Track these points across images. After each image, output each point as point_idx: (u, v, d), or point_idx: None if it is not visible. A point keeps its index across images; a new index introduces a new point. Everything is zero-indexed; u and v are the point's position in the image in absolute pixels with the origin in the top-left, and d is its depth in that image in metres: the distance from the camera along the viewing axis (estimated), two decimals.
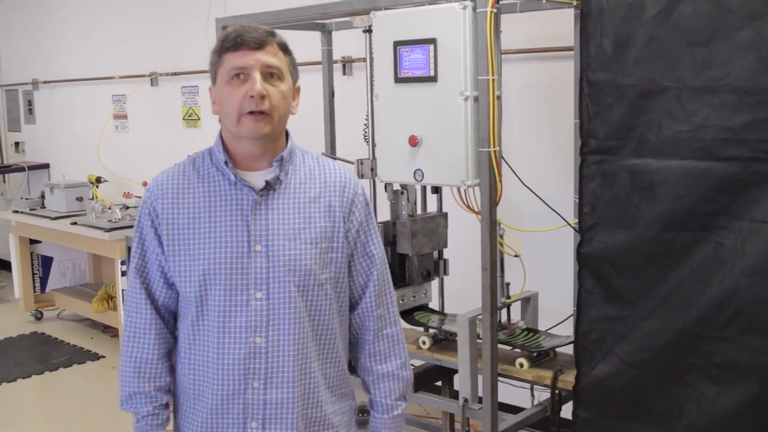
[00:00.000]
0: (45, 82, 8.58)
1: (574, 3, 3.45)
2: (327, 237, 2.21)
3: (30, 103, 8.89)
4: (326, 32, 4.62)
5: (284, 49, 2.17)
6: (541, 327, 3.88)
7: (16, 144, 9.21)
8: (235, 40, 2.10)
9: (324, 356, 2.27)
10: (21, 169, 8.65)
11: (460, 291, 4.18)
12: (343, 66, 5.48)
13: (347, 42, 5.06)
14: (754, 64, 2.69)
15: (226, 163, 2.19)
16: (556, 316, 3.90)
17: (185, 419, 2.30)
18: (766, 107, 2.68)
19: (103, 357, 6.50)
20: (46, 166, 8.59)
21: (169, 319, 2.30)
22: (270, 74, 2.11)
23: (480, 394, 3.47)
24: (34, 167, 8.64)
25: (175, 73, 6.91)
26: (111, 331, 7.00)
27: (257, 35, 2.11)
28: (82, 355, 6.55)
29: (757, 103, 2.69)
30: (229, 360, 2.17)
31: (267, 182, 2.18)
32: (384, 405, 2.35)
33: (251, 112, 2.10)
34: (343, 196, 2.26)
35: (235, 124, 2.14)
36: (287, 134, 2.27)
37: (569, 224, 3.62)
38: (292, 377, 2.18)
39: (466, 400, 3.54)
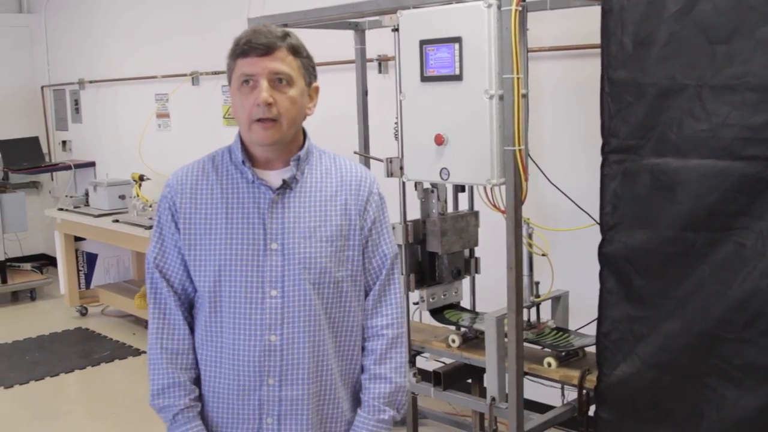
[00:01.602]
0: (90, 82, 8.70)
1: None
2: (343, 235, 2.23)
3: (77, 102, 9.03)
4: (359, 31, 4.63)
5: (295, 51, 2.16)
6: (572, 326, 3.86)
7: (63, 143, 9.37)
8: (243, 46, 2.11)
9: (341, 353, 2.28)
10: (68, 168, 8.80)
11: (492, 289, 4.16)
12: (379, 64, 5.48)
13: (383, 40, 5.07)
14: None
15: (243, 162, 2.21)
16: (587, 315, 3.86)
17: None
18: None
19: (144, 353, 6.56)
20: (92, 164, 8.72)
21: (189, 310, 2.31)
22: (278, 80, 2.12)
23: (507, 392, 3.46)
24: (80, 165, 8.78)
25: (216, 72, 6.97)
26: None
27: (265, 40, 2.10)
28: (123, 351, 6.64)
29: None
30: (244, 357, 2.19)
31: (284, 181, 2.20)
32: (370, 406, 2.29)
33: (260, 120, 2.12)
34: (359, 194, 2.27)
35: (246, 131, 2.16)
36: (304, 133, 2.29)
37: (597, 222, 3.58)
38: (307, 375, 2.20)
39: (493, 399, 3.53)
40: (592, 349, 3.64)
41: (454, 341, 3.88)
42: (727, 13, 2.73)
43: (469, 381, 4.09)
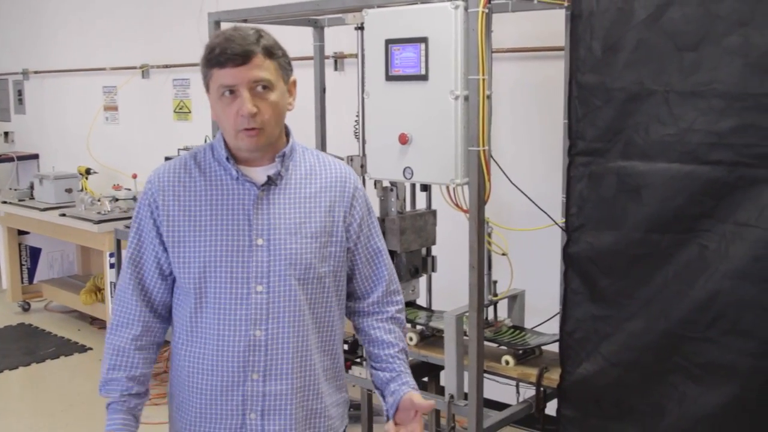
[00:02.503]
0: (36, 72, 8.56)
1: (565, 3, 3.47)
2: (327, 231, 2.25)
3: (20, 93, 8.88)
4: (318, 28, 4.63)
5: (271, 53, 2.14)
6: (527, 325, 3.91)
7: (5, 134, 9.19)
8: (219, 56, 2.09)
9: (324, 348, 2.30)
10: (10, 159, 8.64)
11: (447, 288, 4.20)
12: (335, 62, 5.49)
13: (340, 38, 5.08)
14: (741, 69, 2.73)
15: (228, 159, 2.22)
16: (542, 314, 3.93)
17: (180, 410, 2.32)
18: (751, 112, 2.72)
19: (90, 349, 6.50)
20: (35, 156, 8.58)
21: (162, 312, 2.32)
22: (259, 88, 2.11)
23: (466, 390, 3.50)
24: (23, 157, 8.63)
25: (167, 66, 6.91)
26: (99, 323, 7.00)
27: (241, 49, 2.08)
28: (69, 347, 6.55)
29: (743, 108, 2.73)
30: (229, 352, 2.20)
31: (269, 177, 2.21)
32: (408, 381, 2.38)
33: (246, 129, 2.12)
34: (344, 192, 2.29)
35: (232, 139, 2.17)
36: (288, 130, 2.30)
37: (557, 224, 3.64)
38: (292, 369, 2.21)
39: (452, 397, 3.56)
40: (549, 348, 3.71)
41: (411, 339, 3.90)
42: (695, 22, 2.79)
43: (425, 379, 4.12)
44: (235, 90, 2.10)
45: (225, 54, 2.08)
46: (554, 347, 3.65)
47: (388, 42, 3.47)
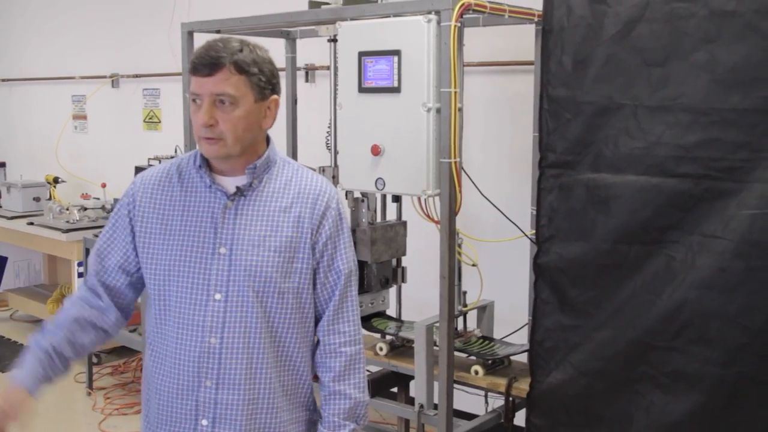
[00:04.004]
0: (4, 80, 8.50)
1: (536, 19, 3.53)
2: (292, 247, 2.24)
3: None
4: (291, 40, 4.67)
5: (242, 69, 2.13)
6: (497, 335, 3.95)
7: None
8: (193, 61, 2.14)
9: (282, 363, 2.29)
10: None
11: (417, 298, 4.23)
12: (306, 73, 5.52)
13: (311, 49, 5.11)
14: (707, 85, 2.79)
15: (200, 166, 2.24)
16: (511, 324, 3.97)
17: (146, 407, 2.37)
18: (717, 127, 2.79)
19: None
20: (2, 164, 8.47)
21: (119, 300, 2.36)
22: (220, 101, 2.12)
23: (435, 400, 3.53)
24: None
25: (137, 75, 6.90)
26: None
27: (209, 60, 2.11)
28: None
29: (710, 123, 2.79)
30: (185, 357, 2.22)
31: (238, 188, 2.23)
32: (330, 422, 2.31)
33: (206, 137, 2.16)
34: (314, 208, 2.27)
35: (198, 144, 2.21)
36: (269, 142, 2.31)
37: (526, 235, 3.69)
38: (243, 380, 2.22)
39: (421, 406, 3.59)
40: (518, 358, 3.75)
41: (381, 349, 3.92)
42: (663, 38, 2.86)
43: (395, 389, 4.14)
44: (201, 99, 2.13)
45: (197, 61, 2.13)
46: (523, 357, 3.70)
47: (362, 54, 3.51)
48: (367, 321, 4.02)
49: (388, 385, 4.05)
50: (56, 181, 7.07)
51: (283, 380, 2.30)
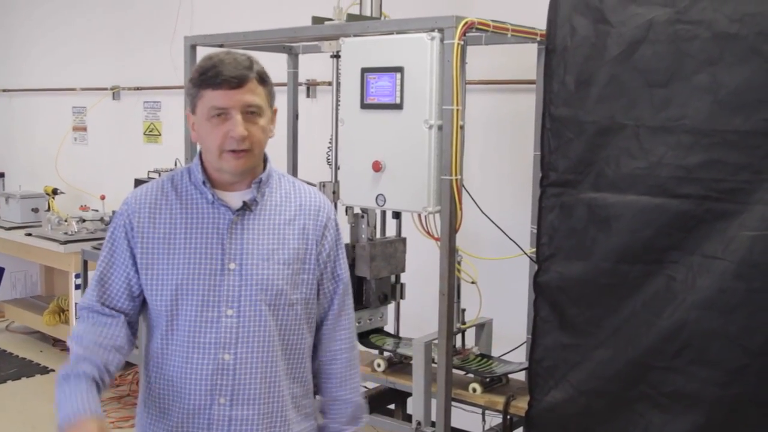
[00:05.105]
0: (5, 91, 8.51)
1: (538, 38, 3.55)
2: (300, 258, 2.25)
3: None
4: (293, 55, 4.68)
5: (262, 80, 2.17)
6: (495, 353, 3.94)
7: None
8: (214, 78, 2.11)
9: (293, 375, 2.29)
10: None
11: (416, 315, 4.23)
12: (308, 89, 5.52)
13: (313, 65, 5.12)
14: (709, 106, 2.81)
15: (204, 182, 2.23)
16: (510, 342, 3.96)
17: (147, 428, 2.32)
18: (719, 148, 2.80)
19: (53, 371, 6.42)
20: (1, 175, 8.48)
21: (127, 321, 2.29)
22: (250, 112, 2.14)
23: (433, 417, 3.52)
24: None
25: (138, 88, 6.91)
26: (61, 345, 6.92)
27: (237, 72, 2.11)
28: (30, 368, 6.48)
29: (711, 144, 2.81)
30: (197, 375, 2.20)
31: (244, 203, 2.22)
32: (331, 428, 2.36)
33: (233, 150, 2.14)
34: (318, 220, 2.30)
35: (216, 159, 2.17)
36: (265, 157, 2.31)
37: (526, 253, 3.69)
38: (259, 395, 2.21)
39: (419, 423, 3.58)
40: (515, 376, 3.74)
41: (379, 365, 3.92)
42: (665, 59, 2.87)
43: (392, 406, 4.14)
44: (227, 112, 2.12)
45: (221, 76, 2.10)
46: (520, 376, 3.70)
47: (364, 70, 3.52)
48: (365, 337, 4.01)
49: (385, 401, 4.04)
50: (55, 192, 7.08)
51: (294, 392, 2.30)
